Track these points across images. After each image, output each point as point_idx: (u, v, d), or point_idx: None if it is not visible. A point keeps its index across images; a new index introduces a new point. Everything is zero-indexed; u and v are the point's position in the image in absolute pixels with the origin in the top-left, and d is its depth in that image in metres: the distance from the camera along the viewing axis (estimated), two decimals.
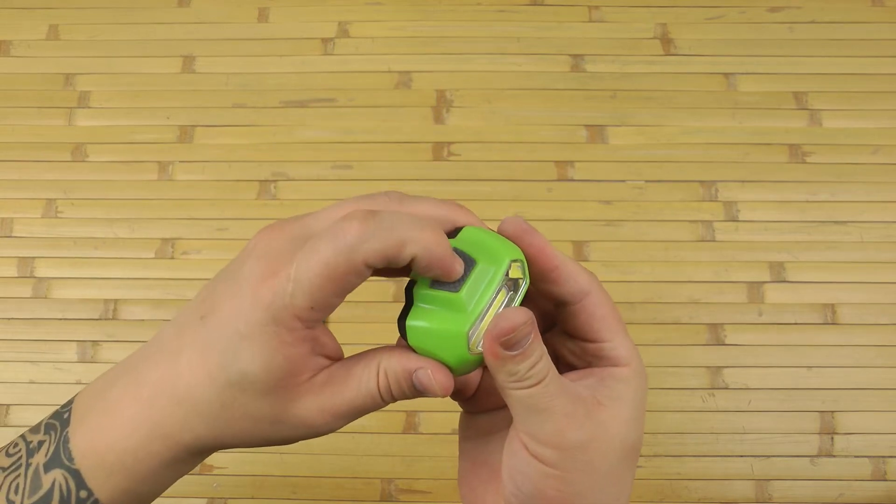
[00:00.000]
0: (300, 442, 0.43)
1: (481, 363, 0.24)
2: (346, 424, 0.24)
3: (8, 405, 0.46)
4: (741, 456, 0.45)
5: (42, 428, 0.25)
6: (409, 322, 0.24)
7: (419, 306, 0.24)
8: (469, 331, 0.23)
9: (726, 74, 0.53)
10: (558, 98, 0.52)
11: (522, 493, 0.23)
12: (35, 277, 0.49)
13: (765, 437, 0.45)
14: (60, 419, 0.25)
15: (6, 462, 0.24)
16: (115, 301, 0.48)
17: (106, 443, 0.23)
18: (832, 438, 0.45)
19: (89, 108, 0.53)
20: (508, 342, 0.22)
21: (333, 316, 0.47)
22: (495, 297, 0.23)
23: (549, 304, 0.26)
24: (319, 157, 0.51)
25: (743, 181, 0.50)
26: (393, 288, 0.48)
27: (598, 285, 0.25)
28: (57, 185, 0.51)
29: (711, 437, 0.45)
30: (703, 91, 0.52)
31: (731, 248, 0.49)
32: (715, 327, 0.47)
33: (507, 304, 0.23)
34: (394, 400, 0.24)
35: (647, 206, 0.50)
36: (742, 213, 0.49)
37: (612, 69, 0.53)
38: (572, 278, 0.24)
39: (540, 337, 0.23)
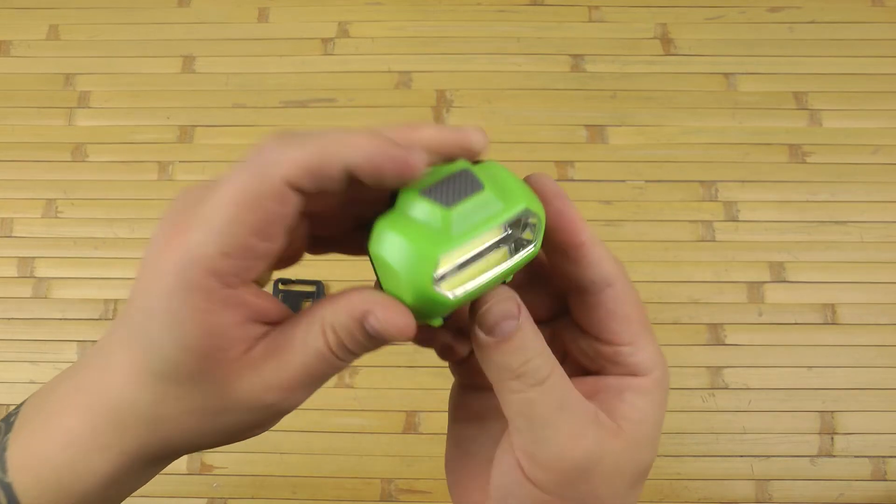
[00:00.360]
0: (300, 442, 0.43)
1: (447, 313, 0.19)
2: (307, 397, 0.20)
3: (8, 405, 0.46)
4: (741, 456, 0.45)
5: None
6: (379, 224, 0.18)
7: (398, 213, 0.18)
8: (441, 255, 0.17)
9: (726, 74, 0.53)
10: (558, 98, 0.52)
11: None
12: (35, 277, 0.49)
13: (765, 437, 0.45)
14: (7, 423, 0.22)
15: None
16: (115, 301, 0.48)
17: (42, 456, 0.20)
18: (832, 438, 0.45)
19: (89, 108, 0.53)
20: (484, 320, 0.19)
21: None
22: (491, 243, 0.18)
23: (562, 286, 0.21)
24: None
25: (743, 181, 0.50)
26: None
27: (625, 277, 0.21)
28: (57, 185, 0.51)
29: (711, 437, 0.45)
30: (703, 91, 0.52)
31: (731, 248, 0.49)
32: (715, 327, 0.47)
33: (502, 264, 0.19)
34: (353, 355, 0.20)
35: (647, 206, 0.50)
36: (742, 213, 0.49)
37: (612, 69, 0.53)
38: (597, 262, 0.20)
39: (534, 327, 0.19)
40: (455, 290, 0.18)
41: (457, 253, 0.18)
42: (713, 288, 0.48)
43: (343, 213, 0.21)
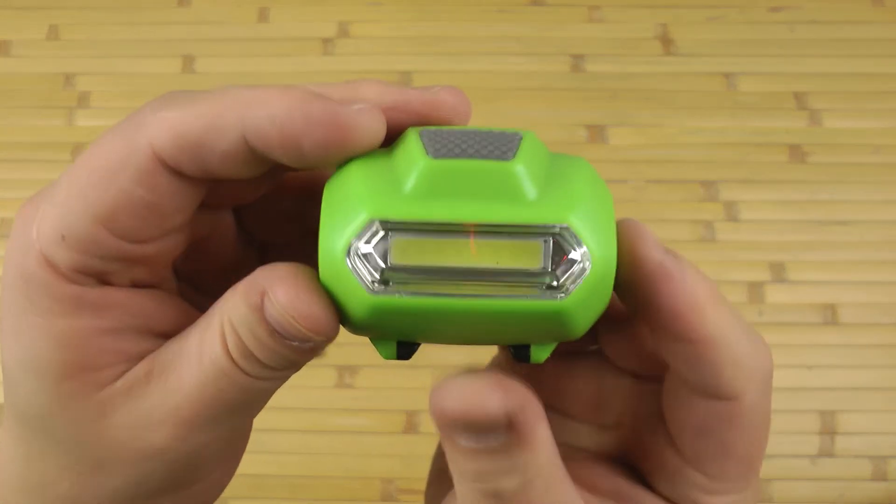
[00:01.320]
0: (300, 442, 0.43)
1: (373, 319, 0.12)
2: (219, 436, 0.15)
3: None
4: None
5: None
6: (353, 161, 0.12)
7: (381, 151, 0.13)
8: (372, 218, 0.11)
9: (726, 74, 0.53)
10: (558, 98, 0.52)
11: None
12: None
13: None
14: None
15: None
16: None
17: None
18: (832, 438, 0.45)
19: (89, 108, 0.53)
20: (447, 406, 0.11)
21: None
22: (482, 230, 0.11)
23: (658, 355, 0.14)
24: None
25: (743, 181, 0.50)
26: None
27: (761, 395, 0.13)
28: None
29: None
30: (703, 91, 0.52)
31: (731, 248, 0.49)
32: None
33: (503, 295, 0.11)
34: (267, 369, 0.13)
35: (647, 206, 0.50)
36: (742, 213, 0.49)
37: (612, 69, 0.53)
38: (721, 368, 0.13)
39: (545, 436, 0.11)
40: (389, 288, 0.11)
41: (407, 225, 0.11)
42: None
43: (282, 207, 0.14)
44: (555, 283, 0.11)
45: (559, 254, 0.11)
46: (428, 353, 0.49)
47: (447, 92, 0.13)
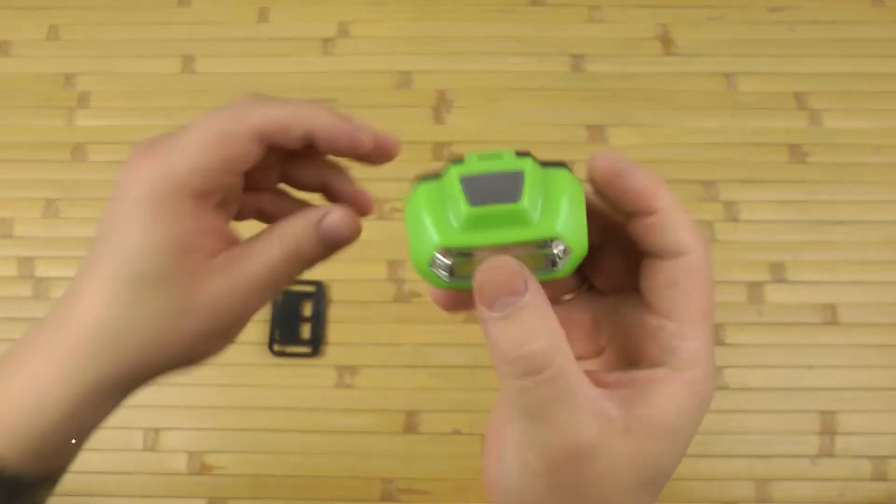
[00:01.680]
0: (300, 442, 0.43)
1: (451, 287, 0.19)
2: (263, 304, 0.22)
3: None
4: (741, 456, 0.45)
5: None
6: (420, 188, 0.20)
7: (439, 184, 0.19)
8: (439, 250, 0.19)
9: (726, 74, 0.53)
10: (558, 98, 0.52)
11: (504, 487, 0.19)
12: (35, 277, 0.49)
13: (765, 437, 0.45)
14: None
15: None
16: None
17: (5, 404, 0.21)
18: (832, 438, 0.45)
19: (89, 108, 0.53)
20: (484, 293, 0.17)
21: (339, 315, 0.47)
22: (513, 245, 0.18)
23: (638, 252, 0.20)
24: None
25: (743, 181, 0.50)
26: (393, 289, 0.48)
27: (703, 253, 0.19)
28: (57, 185, 0.51)
29: (711, 437, 0.45)
30: (703, 91, 0.52)
31: (732, 248, 0.49)
32: (715, 327, 0.47)
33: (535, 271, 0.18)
34: (307, 262, 0.22)
35: None
36: (742, 213, 0.49)
37: (612, 69, 0.53)
38: (672, 229, 0.19)
39: (542, 310, 0.17)
40: (456, 276, 0.19)
41: (460, 251, 0.18)
42: None
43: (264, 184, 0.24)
44: (552, 266, 0.19)
45: (551, 253, 0.19)
46: (428, 353, 0.49)
47: (363, 137, 0.23)
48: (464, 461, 0.45)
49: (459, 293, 0.21)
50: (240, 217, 0.25)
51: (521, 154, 0.20)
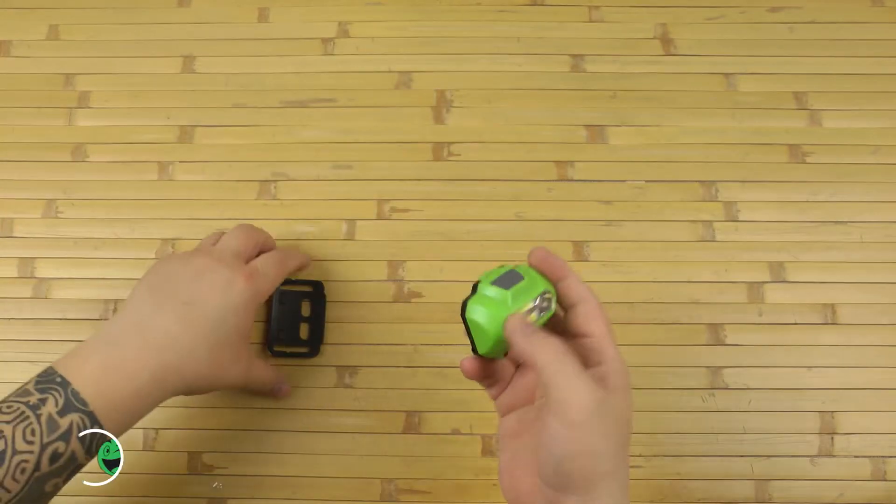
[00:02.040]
0: (300, 442, 0.45)
1: (505, 350, 0.33)
2: (243, 382, 0.40)
3: None
4: (741, 456, 0.45)
5: (32, 393, 0.33)
6: (470, 303, 0.33)
7: (479, 295, 0.33)
8: (508, 316, 0.32)
9: (726, 74, 0.53)
10: (558, 98, 0.52)
11: (554, 456, 0.29)
12: (35, 277, 0.49)
13: (765, 437, 0.45)
14: (54, 383, 0.33)
15: (7, 418, 0.32)
16: (115, 301, 0.48)
17: (115, 390, 0.34)
18: (832, 438, 0.45)
19: (89, 108, 0.53)
20: (515, 329, 0.31)
21: (338, 315, 0.47)
22: (530, 307, 0.33)
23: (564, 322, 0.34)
24: (319, 157, 0.51)
25: (743, 181, 0.50)
26: (393, 288, 0.48)
27: (595, 300, 0.33)
28: (57, 185, 0.51)
29: (711, 437, 0.45)
30: (703, 91, 0.52)
31: (731, 248, 0.49)
32: (715, 327, 0.47)
33: (536, 317, 0.33)
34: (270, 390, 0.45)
35: (647, 206, 0.50)
36: (742, 213, 0.49)
37: (612, 69, 0.53)
38: (575, 288, 0.33)
39: (551, 337, 0.31)
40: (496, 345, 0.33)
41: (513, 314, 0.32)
42: (713, 288, 0.48)
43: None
44: (548, 308, 0.34)
45: (548, 299, 0.34)
46: (428, 353, 0.49)
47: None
48: (464, 461, 0.45)
49: (487, 367, 0.36)
50: None
51: (502, 265, 0.35)
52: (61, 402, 0.33)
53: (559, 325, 0.34)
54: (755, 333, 0.47)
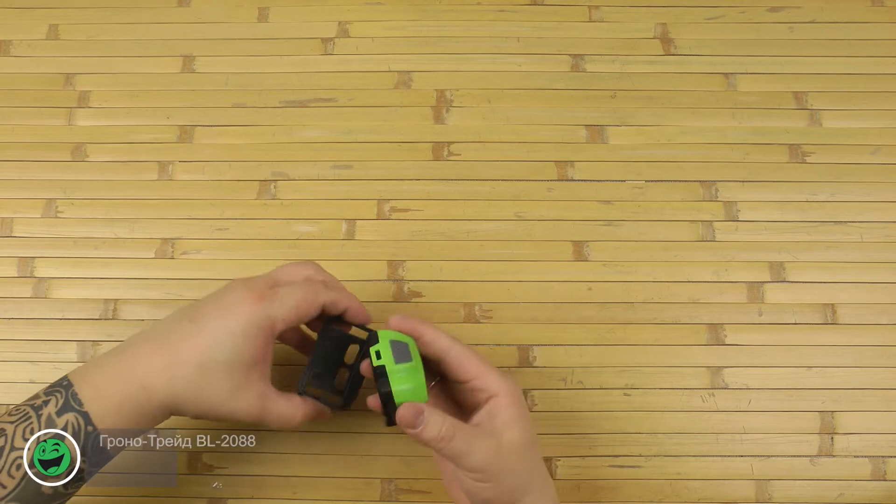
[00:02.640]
0: (300, 442, 0.45)
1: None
2: (258, 419, 0.37)
3: (8, 405, 0.46)
4: (741, 456, 0.45)
5: (40, 396, 0.34)
6: (395, 388, 0.36)
7: (394, 377, 0.36)
8: (399, 408, 0.35)
9: (726, 74, 0.53)
10: (558, 98, 0.52)
11: (474, 500, 0.36)
12: (35, 277, 0.49)
13: (765, 437, 0.45)
14: (61, 386, 0.34)
15: (12, 419, 0.33)
16: (115, 301, 0.48)
17: (107, 391, 0.34)
18: (832, 438, 0.45)
19: (89, 108, 0.53)
20: (409, 426, 0.35)
21: None
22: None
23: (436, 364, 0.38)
24: (319, 156, 0.51)
25: (743, 181, 0.50)
26: (393, 288, 0.48)
27: (459, 344, 0.37)
28: (57, 185, 0.51)
29: (711, 437, 0.45)
30: (703, 91, 0.52)
31: (731, 248, 0.49)
32: (715, 327, 0.47)
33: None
34: (300, 422, 0.39)
35: (647, 206, 0.50)
36: (742, 213, 0.49)
37: (612, 69, 0.53)
38: (436, 342, 0.37)
39: (434, 411, 0.34)
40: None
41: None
42: (713, 288, 0.48)
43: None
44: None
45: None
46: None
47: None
48: None
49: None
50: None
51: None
52: (61, 402, 0.33)
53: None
54: (755, 333, 0.47)
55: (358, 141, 0.51)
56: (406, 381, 0.36)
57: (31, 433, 0.32)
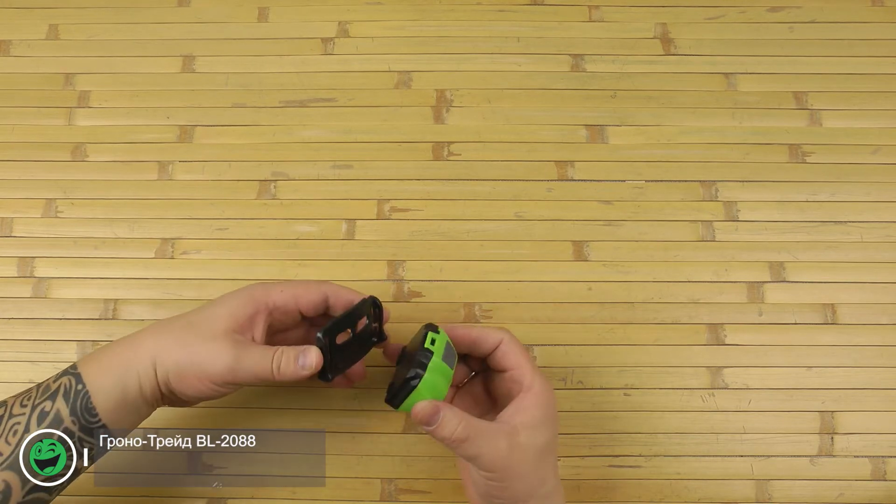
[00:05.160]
0: (300, 442, 0.45)
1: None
2: (242, 378, 0.36)
3: None
4: (741, 456, 0.45)
5: (51, 380, 0.35)
6: (427, 377, 0.36)
7: (432, 371, 0.36)
8: (413, 407, 0.36)
9: (726, 74, 0.53)
10: (558, 98, 0.52)
11: (481, 495, 0.37)
12: (35, 277, 0.49)
13: (765, 437, 0.45)
14: (67, 371, 0.35)
15: (14, 396, 0.35)
16: (115, 301, 0.48)
17: (99, 357, 0.36)
18: (832, 438, 0.45)
19: (89, 108, 0.53)
20: (424, 423, 0.35)
21: None
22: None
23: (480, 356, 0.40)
24: (319, 156, 0.51)
25: (743, 181, 0.50)
26: (393, 288, 0.48)
27: (510, 337, 0.38)
28: (57, 185, 0.51)
29: (711, 437, 0.45)
30: (703, 91, 0.52)
31: (731, 248, 0.49)
32: (715, 327, 0.47)
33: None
34: (283, 375, 0.36)
35: (647, 206, 0.50)
36: (742, 213, 0.49)
37: (612, 69, 0.53)
38: (489, 337, 0.38)
39: (451, 411, 0.35)
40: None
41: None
42: (713, 288, 0.48)
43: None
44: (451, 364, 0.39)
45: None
46: None
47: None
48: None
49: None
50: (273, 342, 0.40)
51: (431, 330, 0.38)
52: (61, 372, 0.35)
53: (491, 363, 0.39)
54: (755, 333, 0.47)
55: (358, 141, 0.51)
56: (437, 380, 0.36)
57: (28, 399, 0.34)
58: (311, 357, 0.36)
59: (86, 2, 0.55)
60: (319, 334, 0.36)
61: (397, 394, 0.36)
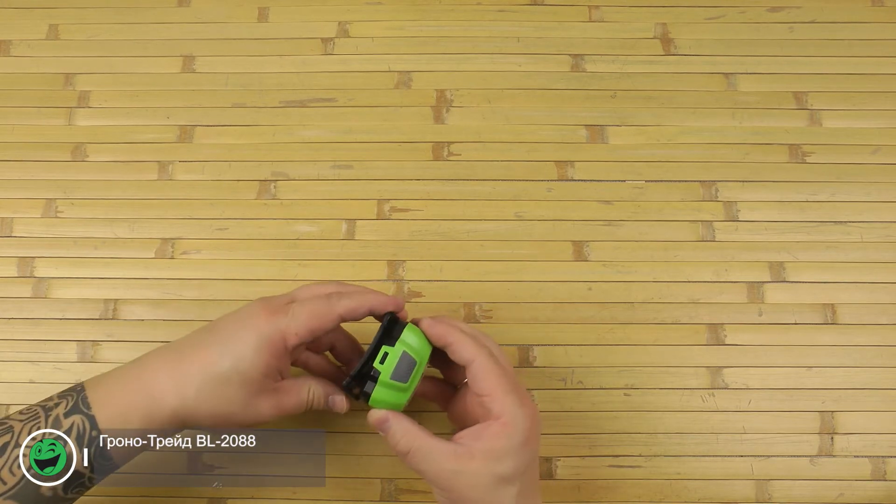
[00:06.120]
0: (300, 442, 0.45)
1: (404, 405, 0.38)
2: (279, 418, 0.37)
3: (8, 405, 0.46)
4: (741, 456, 0.45)
5: (54, 398, 0.35)
6: (374, 396, 0.37)
7: (380, 387, 0.37)
8: (369, 415, 0.38)
9: (726, 74, 0.53)
10: (558, 98, 0.52)
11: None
12: (35, 277, 0.49)
13: (765, 437, 0.45)
14: (74, 391, 0.35)
15: (21, 418, 0.34)
16: (115, 301, 0.48)
17: (114, 401, 0.34)
18: (832, 438, 0.45)
19: (89, 108, 0.53)
20: (378, 427, 0.37)
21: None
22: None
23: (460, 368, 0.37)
24: (319, 156, 0.51)
25: (743, 181, 0.50)
26: (393, 288, 0.48)
27: (486, 355, 0.36)
28: (57, 185, 0.51)
29: (711, 437, 0.45)
30: (703, 91, 0.52)
31: (731, 248, 0.49)
32: (715, 327, 0.47)
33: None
34: (313, 408, 0.38)
35: (647, 206, 0.50)
36: (742, 213, 0.49)
37: (612, 69, 0.53)
38: (461, 350, 0.36)
39: (399, 423, 0.36)
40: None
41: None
42: (713, 288, 0.48)
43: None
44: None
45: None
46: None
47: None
48: None
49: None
50: (295, 363, 0.40)
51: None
52: (70, 404, 0.34)
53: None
54: (755, 333, 0.47)
55: (358, 141, 0.51)
56: (387, 397, 0.37)
57: (38, 430, 0.33)
58: (340, 403, 0.39)
59: (86, 2, 0.55)
60: (345, 383, 0.37)
61: (358, 393, 0.38)
